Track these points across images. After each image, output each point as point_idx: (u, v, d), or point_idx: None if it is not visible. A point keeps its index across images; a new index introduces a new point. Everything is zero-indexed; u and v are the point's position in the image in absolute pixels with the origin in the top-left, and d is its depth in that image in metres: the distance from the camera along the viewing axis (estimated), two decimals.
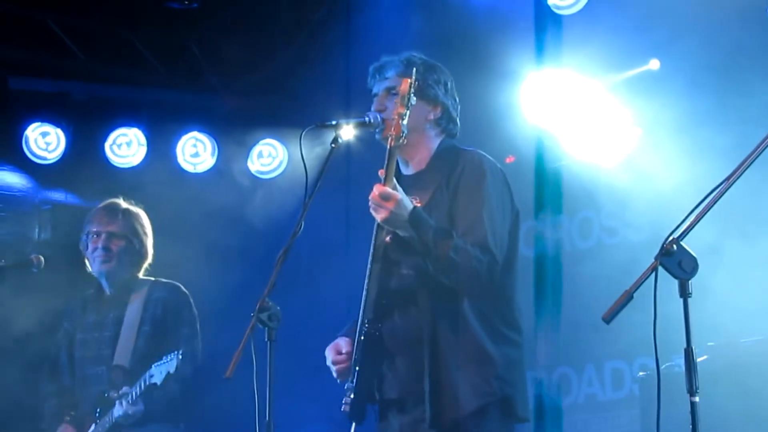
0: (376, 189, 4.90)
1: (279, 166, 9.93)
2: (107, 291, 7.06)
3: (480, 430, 5.02)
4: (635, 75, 7.98)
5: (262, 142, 9.93)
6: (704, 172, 6.88)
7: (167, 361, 6.45)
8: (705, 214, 4.02)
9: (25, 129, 9.52)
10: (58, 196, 9.58)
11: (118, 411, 6.61)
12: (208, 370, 6.81)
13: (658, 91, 7.76)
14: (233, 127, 9.80)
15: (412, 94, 4.97)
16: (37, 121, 9.53)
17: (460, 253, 4.89)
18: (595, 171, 8.04)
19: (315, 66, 9.49)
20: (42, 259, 6.75)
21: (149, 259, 7.12)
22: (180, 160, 9.81)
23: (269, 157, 9.93)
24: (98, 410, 6.74)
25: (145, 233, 7.09)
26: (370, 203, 4.92)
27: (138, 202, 7.29)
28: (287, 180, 9.80)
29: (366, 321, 5.06)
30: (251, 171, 9.92)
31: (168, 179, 9.61)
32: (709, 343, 6.98)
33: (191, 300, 7.06)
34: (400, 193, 4.90)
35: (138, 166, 9.74)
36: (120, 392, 6.63)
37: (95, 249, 6.95)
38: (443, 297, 5.01)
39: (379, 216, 4.90)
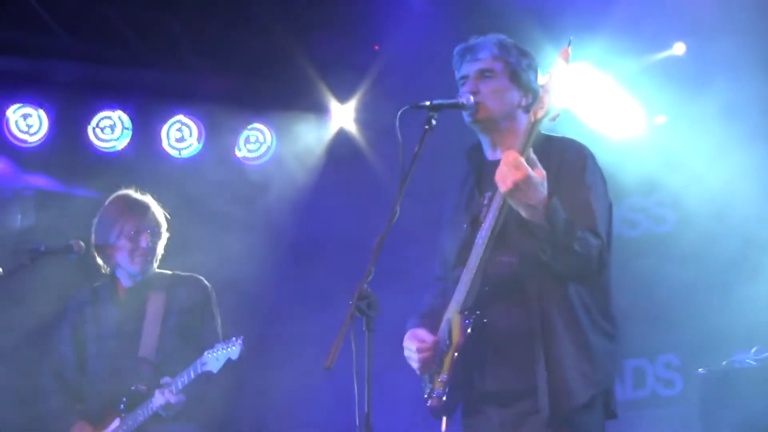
0: (509, 154, 4.64)
1: (267, 152, 9.68)
2: (126, 284, 6.84)
3: (589, 423, 4.90)
4: (659, 60, 7.87)
5: (249, 127, 9.69)
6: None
7: (226, 348, 6.33)
8: None
9: (5, 110, 9.13)
10: (41, 181, 9.17)
11: (158, 401, 6.41)
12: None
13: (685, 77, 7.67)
14: (220, 112, 9.51)
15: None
16: (18, 103, 9.12)
17: (582, 243, 4.72)
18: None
19: (306, 46, 9.24)
20: (82, 244, 6.43)
21: (162, 251, 6.92)
22: (165, 144, 9.47)
23: (257, 143, 9.70)
24: (123, 401, 6.51)
25: (165, 224, 6.92)
26: (498, 170, 4.65)
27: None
28: (275, 167, 9.59)
29: (466, 309, 4.86)
30: (238, 157, 9.67)
31: (153, 164, 9.34)
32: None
33: (214, 294, 6.87)
34: (536, 171, 4.63)
35: (123, 150, 9.39)
36: (162, 381, 6.44)
37: (137, 248, 6.71)
38: (551, 286, 4.87)
39: (504, 185, 4.61)
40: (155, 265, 6.84)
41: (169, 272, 6.91)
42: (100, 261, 6.85)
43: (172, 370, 6.47)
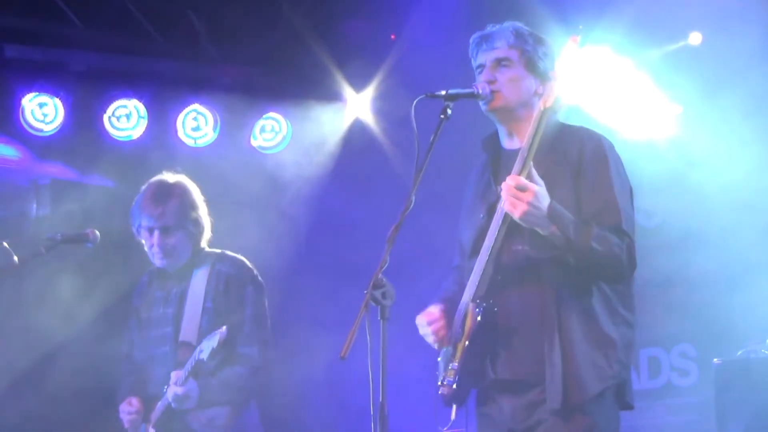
0: (511, 179, 4.68)
1: (282, 141, 9.68)
2: (170, 268, 6.76)
3: (600, 413, 4.86)
4: (674, 50, 7.84)
5: (265, 116, 9.68)
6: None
7: (212, 337, 6.23)
8: None
9: (21, 99, 9.14)
10: (56, 170, 9.18)
11: (169, 393, 6.41)
12: None
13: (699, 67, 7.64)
14: (235, 101, 9.51)
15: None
16: (34, 91, 9.14)
17: (601, 241, 4.72)
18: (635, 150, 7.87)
19: (322, 36, 9.23)
20: (98, 233, 6.42)
21: (209, 231, 6.84)
22: (180, 134, 9.48)
23: (272, 131, 9.70)
24: (165, 389, 6.49)
25: (197, 207, 6.77)
26: (503, 196, 4.70)
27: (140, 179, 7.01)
28: (291, 155, 9.58)
29: (478, 298, 4.85)
30: (254, 146, 9.67)
31: (168, 153, 9.33)
32: None
33: (258, 277, 6.78)
34: (538, 184, 4.69)
35: (138, 140, 9.40)
36: (175, 372, 6.42)
37: (151, 246, 6.65)
38: (566, 276, 4.83)
39: (516, 212, 4.67)
40: (195, 247, 6.72)
41: (217, 251, 6.81)
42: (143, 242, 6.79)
43: None
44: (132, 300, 6.94)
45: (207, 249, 6.79)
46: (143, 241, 6.70)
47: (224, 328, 6.24)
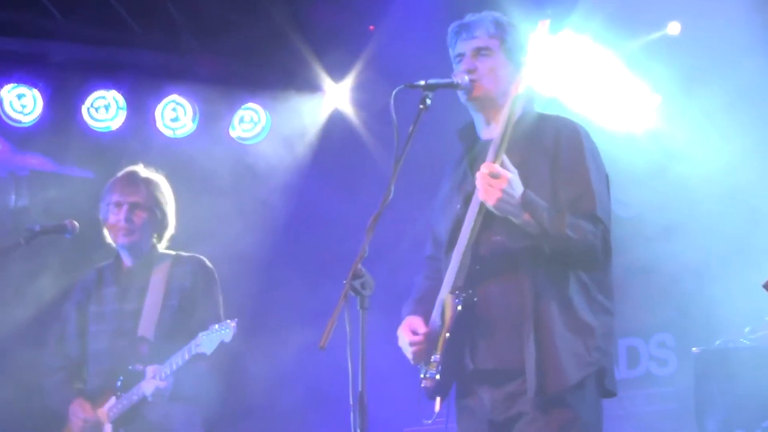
0: (485, 167, 4.70)
1: (261, 132, 9.67)
2: (128, 263, 6.85)
3: (581, 403, 4.86)
4: (653, 40, 7.85)
5: (243, 107, 9.67)
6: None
7: (220, 330, 6.32)
8: None
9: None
10: (35, 161, 9.15)
11: (147, 387, 6.43)
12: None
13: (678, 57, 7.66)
14: (214, 92, 9.50)
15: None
16: (13, 82, 9.11)
17: (575, 229, 4.74)
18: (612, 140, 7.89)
19: (301, 26, 9.22)
20: (77, 224, 6.43)
21: (172, 230, 6.94)
22: (159, 125, 9.46)
23: (251, 122, 9.68)
24: (120, 380, 6.53)
25: (167, 203, 6.89)
26: (477, 184, 4.72)
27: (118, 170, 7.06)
28: (269, 146, 9.58)
29: (456, 289, 4.86)
30: (232, 137, 9.67)
31: (147, 144, 9.35)
32: (766, 318, 6.93)
33: (216, 275, 6.87)
34: (511, 171, 4.71)
35: (117, 131, 9.39)
36: (152, 367, 6.45)
37: (117, 221, 6.72)
38: (544, 265, 4.84)
39: (490, 200, 4.69)
40: (156, 242, 6.84)
41: (173, 252, 6.90)
42: (105, 233, 6.87)
43: (170, 349, 6.48)
44: (73, 294, 6.96)
45: (165, 251, 6.88)
46: (107, 222, 6.77)
47: (235, 321, 6.36)
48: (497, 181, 4.66)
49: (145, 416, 6.53)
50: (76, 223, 6.48)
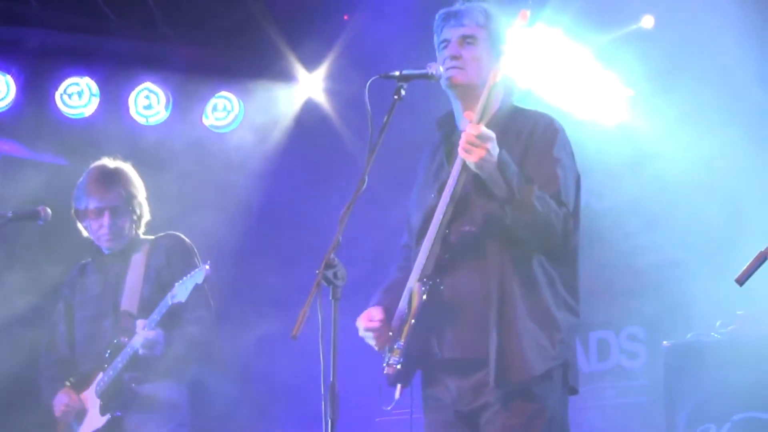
0: (473, 129, 4.69)
1: (234, 120, 9.65)
2: (107, 252, 6.91)
3: (547, 395, 4.88)
4: (626, 33, 7.87)
5: (217, 95, 9.64)
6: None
7: (192, 275, 6.39)
8: None
9: None
10: (8, 147, 9.13)
11: (137, 341, 6.47)
12: None
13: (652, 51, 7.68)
14: (188, 80, 9.48)
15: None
16: None
17: (541, 202, 4.76)
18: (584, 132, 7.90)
19: (275, 15, 9.21)
20: (49, 211, 6.42)
21: (148, 216, 6.99)
22: (132, 112, 9.43)
23: (224, 110, 9.66)
24: (108, 353, 6.59)
25: (140, 192, 6.94)
26: (462, 144, 4.71)
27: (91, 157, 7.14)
28: (243, 135, 9.57)
29: (424, 277, 4.88)
30: (206, 125, 9.62)
31: (120, 131, 9.32)
32: (738, 312, 6.95)
33: (195, 248, 6.93)
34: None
35: (90, 117, 9.36)
36: (142, 320, 6.53)
37: (100, 227, 6.78)
38: (513, 256, 4.87)
39: (472, 157, 4.67)
40: (136, 230, 6.89)
41: (152, 237, 6.96)
42: (80, 227, 6.91)
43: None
44: (61, 291, 7.06)
45: (144, 236, 6.94)
46: (86, 226, 6.84)
47: (208, 263, 6.44)
48: (486, 143, 4.67)
49: (132, 390, 6.58)
50: (49, 210, 6.46)
